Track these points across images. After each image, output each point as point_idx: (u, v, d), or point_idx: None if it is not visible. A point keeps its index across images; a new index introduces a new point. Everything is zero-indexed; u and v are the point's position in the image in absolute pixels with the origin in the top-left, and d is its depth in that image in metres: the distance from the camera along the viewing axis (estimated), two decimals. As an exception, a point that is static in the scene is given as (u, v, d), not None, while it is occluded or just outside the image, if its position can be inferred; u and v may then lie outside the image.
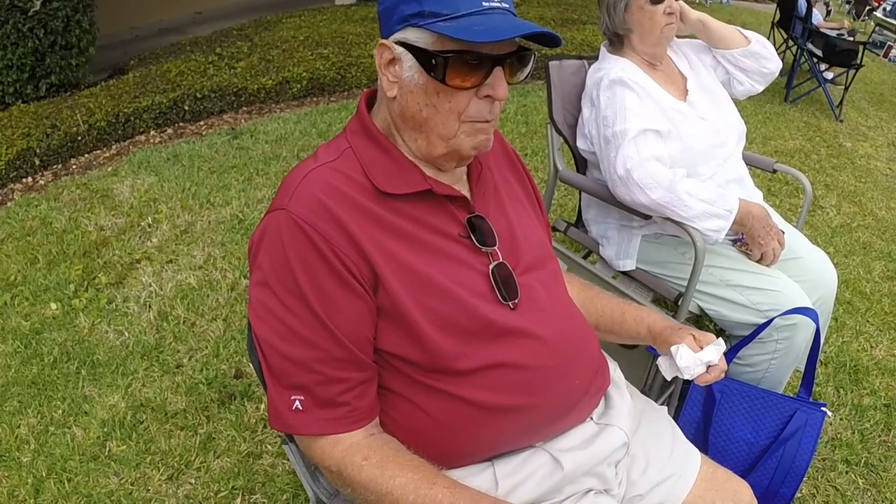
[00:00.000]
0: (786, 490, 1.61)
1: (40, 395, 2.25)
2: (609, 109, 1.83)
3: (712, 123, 1.92)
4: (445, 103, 0.96)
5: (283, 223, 0.94)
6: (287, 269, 0.92)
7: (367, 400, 0.98)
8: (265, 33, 6.10)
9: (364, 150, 1.02)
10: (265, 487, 1.92)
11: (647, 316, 1.26)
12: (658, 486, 1.17)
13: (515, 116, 4.84)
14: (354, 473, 0.92)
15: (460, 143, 0.99)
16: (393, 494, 0.90)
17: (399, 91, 0.99)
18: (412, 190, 1.00)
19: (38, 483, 1.93)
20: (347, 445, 0.94)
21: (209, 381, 2.30)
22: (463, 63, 0.93)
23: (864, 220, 3.93)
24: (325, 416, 0.94)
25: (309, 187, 0.96)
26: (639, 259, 1.99)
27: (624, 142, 1.77)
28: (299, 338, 0.93)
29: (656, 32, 1.91)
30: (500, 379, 1.00)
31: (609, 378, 1.22)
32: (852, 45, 6.08)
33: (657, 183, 1.73)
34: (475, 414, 1.00)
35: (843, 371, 2.53)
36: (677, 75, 2.01)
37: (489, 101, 0.97)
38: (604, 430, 1.13)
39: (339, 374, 0.94)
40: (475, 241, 1.04)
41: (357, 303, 0.94)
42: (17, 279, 2.86)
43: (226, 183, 3.71)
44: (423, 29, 0.93)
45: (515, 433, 1.05)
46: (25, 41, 4.54)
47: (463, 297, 0.99)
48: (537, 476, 1.04)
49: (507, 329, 1.01)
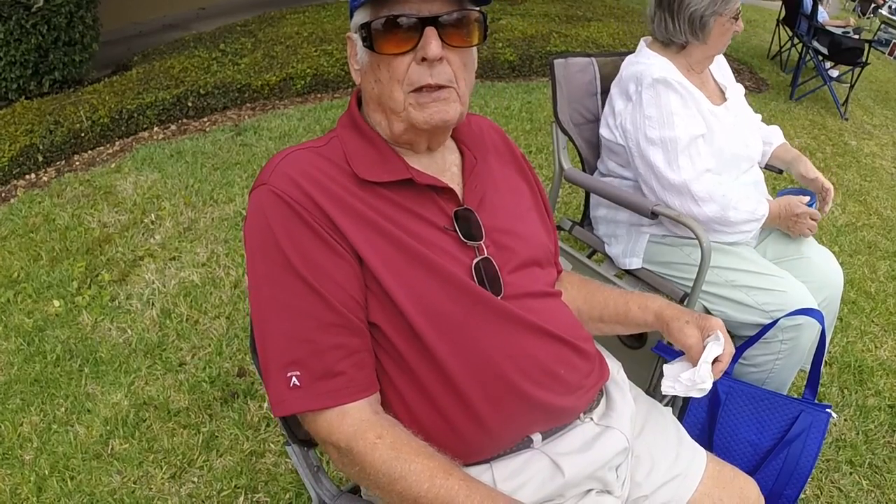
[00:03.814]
0: (790, 491, 1.60)
1: (43, 392, 2.26)
2: (653, 109, 1.82)
3: (743, 134, 1.94)
4: (385, 73, 0.98)
5: (264, 197, 0.96)
6: (272, 241, 0.93)
7: (366, 371, 0.96)
8: (269, 29, 6.09)
9: (350, 140, 1.04)
10: (268, 486, 1.92)
11: (652, 302, 1.22)
12: (663, 486, 1.16)
13: (520, 113, 4.82)
14: (367, 451, 0.89)
15: (411, 116, 0.99)
16: (406, 480, 0.87)
17: (360, 76, 1.04)
18: (392, 178, 1.01)
19: (40, 481, 1.93)
20: (357, 420, 0.92)
21: (212, 379, 2.30)
22: (391, 27, 0.94)
23: (869, 219, 3.91)
24: (324, 388, 0.92)
25: (289, 165, 0.98)
26: (645, 259, 1.98)
27: (678, 151, 1.79)
28: (289, 308, 0.92)
29: (725, 42, 1.92)
30: (483, 366, 0.98)
31: (608, 372, 1.21)
32: (858, 43, 6.05)
33: (712, 198, 1.80)
34: (462, 410, 0.98)
35: (847, 371, 2.52)
36: (713, 83, 2.02)
37: (427, 65, 0.96)
38: (604, 433, 1.11)
39: (332, 339, 0.93)
40: (460, 234, 1.03)
41: (343, 265, 0.94)
42: (20, 276, 2.86)
43: (229, 180, 3.70)
44: (361, 8, 0.98)
45: (508, 428, 1.02)
46: (28, 37, 4.54)
47: (445, 271, 0.98)
48: (537, 480, 1.02)
49: (491, 313, 1.00)
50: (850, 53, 5.95)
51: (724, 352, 1.11)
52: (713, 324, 1.13)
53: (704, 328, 1.13)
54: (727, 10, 1.82)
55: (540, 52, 5.79)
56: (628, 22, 7.05)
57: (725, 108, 1.94)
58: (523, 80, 5.70)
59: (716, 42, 1.89)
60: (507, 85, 5.49)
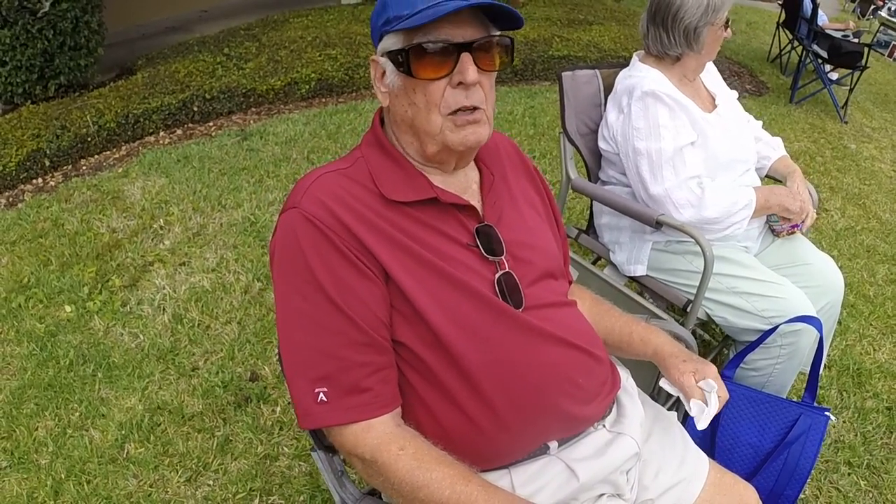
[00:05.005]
0: (790, 492, 1.65)
1: (57, 397, 2.29)
2: (641, 122, 1.88)
3: (736, 138, 1.98)
4: (422, 98, 1.02)
5: (296, 219, 1.00)
6: (303, 261, 0.98)
7: (390, 387, 1.01)
8: (273, 33, 6.11)
9: (375, 160, 1.09)
10: (282, 489, 1.96)
11: (655, 338, 1.29)
12: (668, 490, 1.21)
13: (523, 118, 4.86)
14: (391, 462, 0.94)
15: (447, 139, 1.04)
16: (429, 487, 0.92)
17: (390, 99, 1.07)
18: (418, 197, 1.06)
19: (57, 485, 1.97)
20: (381, 433, 0.97)
21: (225, 383, 2.34)
22: (427, 53, 0.98)
23: (868, 223, 3.95)
24: (350, 403, 0.97)
25: (319, 189, 1.02)
26: (649, 266, 2.03)
27: (662, 161, 1.85)
28: (319, 325, 0.97)
29: (716, 48, 1.98)
30: (510, 376, 1.04)
31: (619, 381, 1.26)
32: (857, 47, 6.08)
33: (689, 203, 1.85)
34: (488, 417, 1.03)
35: (846, 374, 2.56)
36: (704, 91, 2.06)
37: (463, 88, 1.01)
38: (616, 439, 1.16)
39: (359, 357, 0.98)
40: (482, 249, 1.08)
41: (370, 286, 0.99)
42: (31, 281, 2.89)
43: (237, 185, 3.74)
44: (391, 33, 1.01)
45: (529, 433, 1.08)
46: (35, 42, 4.56)
47: (470, 287, 1.03)
48: (553, 485, 1.08)
49: (514, 325, 1.05)
50: (850, 57, 5.98)
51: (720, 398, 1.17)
52: (707, 371, 1.19)
53: (698, 372, 1.19)
54: (717, 20, 1.88)
55: (542, 56, 5.82)
56: (629, 25, 7.07)
57: (717, 115, 1.99)
58: (526, 84, 5.73)
59: (709, 50, 1.95)
60: (510, 89, 5.53)
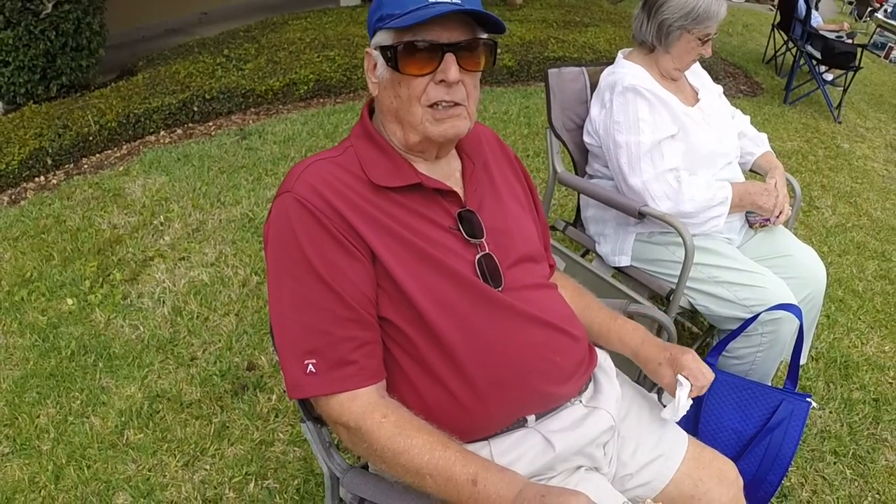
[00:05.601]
0: (773, 477, 1.69)
1: (59, 386, 2.34)
2: (621, 115, 1.93)
3: (717, 132, 2.03)
4: (406, 91, 1.09)
5: (288, 203, 1.06)
6: (294, 242, 1.04)
7: (375, 360, 1.07)
8: (272, 35, 6.17)
9: (363, 149, 1.15)
10: (277, 473, 2.02)
11: (631, 339, 1.35)
12: (647, 465, 1.26)
13: (518, 118, 4.92)
14: (374, 429, 1.01)
15: (427, 130, 1.10)
16: (409, 453, 0.99)
17: (378, 89, 1.14)
18: (403, 183, 1.12)
19: (58, 469, 2.02)
20: (365, 402, 1.03)
21: (223, 373, 2.39)
22: (414, 51, 1.05)
23: (859, 220, 4.00)
24: (337, 375, 1.03)
25: (311, 175, 1.09)
26: (633, 257, 2.08)
27: (640, 154, 1.90)
28: (309, 303, 1.03)
29: (690, 59, 2.01)
30: (489, 353, 1.09)
31: (596, 360, 1.32)
32: (850, 48, 6.13)
33: (666, 195, 1.90)
34: (468, 393, 1.09)
35: (833, 366, 2.60)
36: (688, 86, 2.11)
37: (445, 85, 1.07)
38: (592, 413, 1.21)
39: (346, 332, 1.04)
40: (464, 233, 1.14)
41: (358, 266, 1.05)
42: (33, 275, 2.95)
43: (235, 183, 3.79)
44: (384, 30, 1.08)
45: (507, 408, 1.13)
46: (37, 43, 4.62)
47: (452, 268, 1.09)
48: (530, 455, 1.13)
49: (493, 305, 1.11)
50: (844, 57, 6.03)
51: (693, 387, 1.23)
52: (684, 357, 1.25)
53: (676, 366, 1.25)
54: (696, 30, 1.92)
55: (538, 57, 5.88)
56: (625, 27, 7.12)
57: (699, 109, 2.04)
58: (521, 84, 5.80)
59: (680, 56, 1.99)
60: (506, 90, 5.59)
